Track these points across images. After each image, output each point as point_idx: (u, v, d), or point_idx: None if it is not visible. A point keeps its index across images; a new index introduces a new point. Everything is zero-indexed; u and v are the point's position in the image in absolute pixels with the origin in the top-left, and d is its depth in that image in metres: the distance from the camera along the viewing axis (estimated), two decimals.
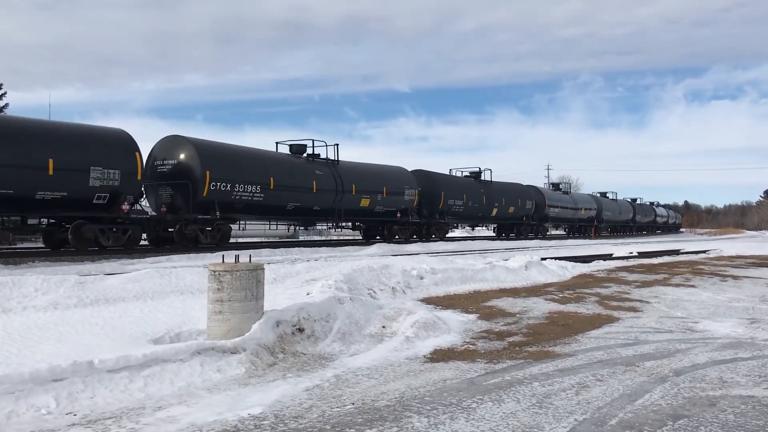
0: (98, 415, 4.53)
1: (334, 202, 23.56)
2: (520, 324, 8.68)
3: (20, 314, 7.54)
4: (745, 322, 9.09)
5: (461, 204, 31.61)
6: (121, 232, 16.56)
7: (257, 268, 6.78)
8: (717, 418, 4.58)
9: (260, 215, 21.88)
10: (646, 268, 18.43)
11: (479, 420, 4.48)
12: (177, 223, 18.39)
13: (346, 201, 24.07)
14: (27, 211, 15.60)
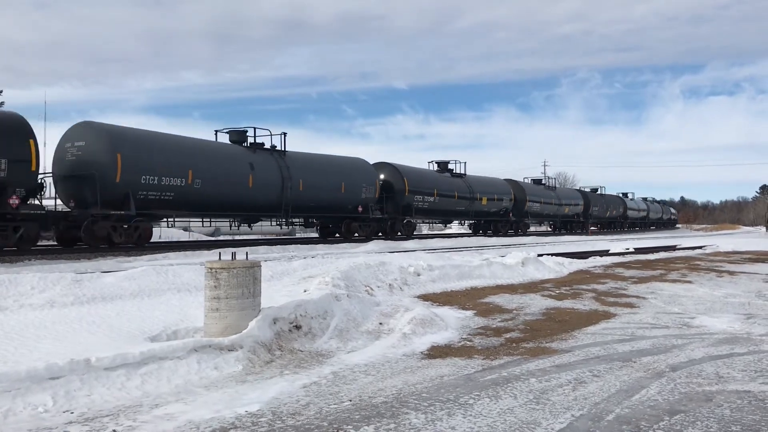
0: (95, 413, 4.53)
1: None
2: (517, 320, 8.70)
3: (17, 312, 7.52)
4: (741, 317, 9.12)
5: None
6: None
7: (254, 266, 6.77)
8: (713, 413, 4.59)
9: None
10: (643, 264, 18.47)
11: (476, 416, 4.49)
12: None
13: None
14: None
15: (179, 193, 18.16)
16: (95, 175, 16.03)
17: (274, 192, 21.22)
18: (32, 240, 15.16)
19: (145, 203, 17.30)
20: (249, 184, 20.17)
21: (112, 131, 17.48)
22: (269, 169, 21.11)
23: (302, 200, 22.26)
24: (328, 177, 23.71)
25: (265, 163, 21.14)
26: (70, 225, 16.41)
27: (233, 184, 19.70)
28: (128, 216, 16.53)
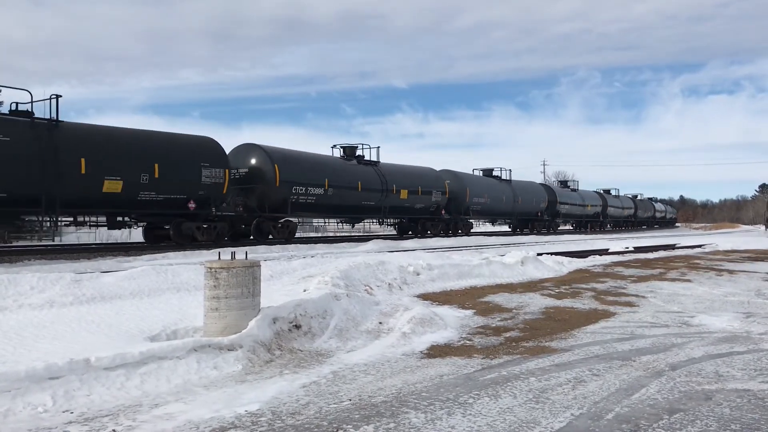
0: (95, 412, 4.52)
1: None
2: (517, 319, 8.70)
3: (16, 312, 7.52)
4: (740, 316, 9.12)
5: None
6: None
7: (253, 265, 6.77)
8: (713, 411, 4.60)
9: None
10: (642, 262, 18.47)
11: (476, 415, 4.49)
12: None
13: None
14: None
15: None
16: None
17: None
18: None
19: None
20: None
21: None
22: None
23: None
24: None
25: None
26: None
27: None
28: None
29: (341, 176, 24.27)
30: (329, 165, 24.46)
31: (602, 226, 52.08)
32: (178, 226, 18.65)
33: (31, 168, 14.85)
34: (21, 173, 14.71)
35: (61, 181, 15.36)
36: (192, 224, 18.86)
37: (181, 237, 18.73)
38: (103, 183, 16.29)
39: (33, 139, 15.12)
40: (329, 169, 23.94)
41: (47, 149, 15.23)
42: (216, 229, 19.56)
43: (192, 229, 18.83)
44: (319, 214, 25.88)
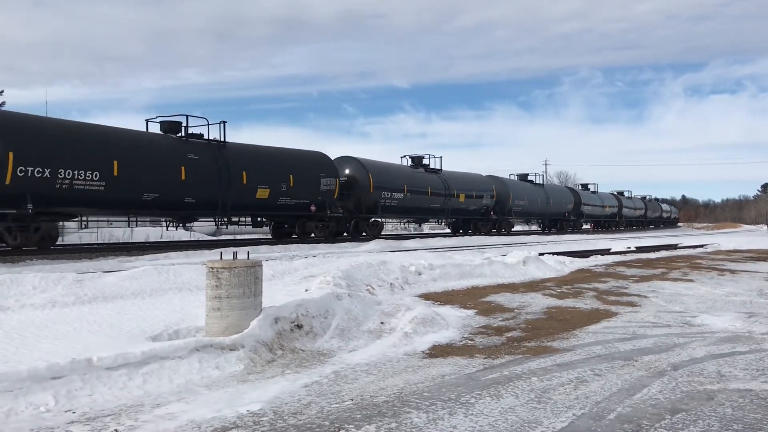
0: (97, 412, 4.53)
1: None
2: (519, 319, 8.69)
3: (18, 312, 7.53)
4: (742, 316, 9.11)
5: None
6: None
7: (255, 265, 6.78)
8: (715, 411, 4.59)
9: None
10: (644, 262, 18.46)
11: (478, 415, 4.49)
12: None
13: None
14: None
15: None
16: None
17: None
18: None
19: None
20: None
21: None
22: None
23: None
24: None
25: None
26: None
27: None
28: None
29: (415, 183, 28.48)
30: (407, 173, 28.80)
31: (617, 225, 55.10)
32: (303, 224, 22.63)
33: (211, 180, 18.77)
34: (205, 184, 18.58)
35: (229, 190, 19.24)
36: (312, 223, 22.91)
37: (303, 234, 22.74)
38: (257, 191, 20.28)
39: (212, 157, 19.03)
40: (407, 177, 28.30)
41: (220, 165, 19.10)
42: (328, 228, 23.67)
43: (312, 228, 22.95)
44: (399, 215, 30.37)
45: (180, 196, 18.03)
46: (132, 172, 16.46)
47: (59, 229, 17.55)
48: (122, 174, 16.17)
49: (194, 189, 18.29)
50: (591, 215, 49.35)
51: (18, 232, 14.78)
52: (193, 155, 18.40)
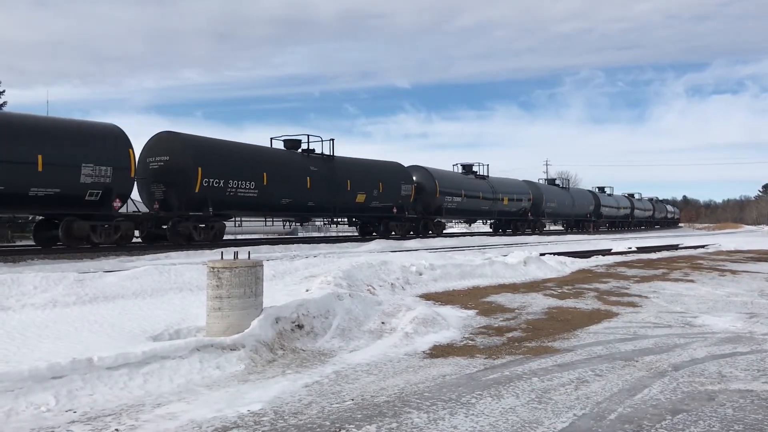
0: (98, 412, 4.53)
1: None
2: (519, 320, 8.69)
3: (19, 312, 7.53)
4: (743, 316, 9.11)
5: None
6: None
7: (256, 265, 6.78)
8: (716, 412, 4.59)
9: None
10: (645, 263, 18.45)
11: (478, 415, 4.49)
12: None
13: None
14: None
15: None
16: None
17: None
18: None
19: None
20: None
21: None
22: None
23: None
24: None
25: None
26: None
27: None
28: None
29: (470, 188, 32.58)
30: (463, 180, 32.90)
31: (630, 225, 58.00)
32: (387, 224, 26.78)
33: (325, 187, 22.88)
34: (321, 191, 22.80)
35: (337, 195, 23.57)
36: (394, 223, 27.09)
37: (386, 232, 26.61)
38: (356, 196, 24.60)
39: (325, 168, 23.17)
40: (463, 183, 32.39)
41: (331, 175, 23.33)
42: (405, 227, 27.89)
43: (393, 227, 27.09)
44: (457, 216, 34.22)
45: (305, 200, 22.48)
46: (275, 182, 20.84)
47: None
48: (269, 184, 20.53)
49: (315, 195, 22.66)
50: (608, 216, 52.94)
51: (201, 230, 18.73)
52: (313, 167, 22.83)
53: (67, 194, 15.10)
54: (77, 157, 15.21)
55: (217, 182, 18.65)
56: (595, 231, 47.60)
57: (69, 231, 15.49)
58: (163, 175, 18.30)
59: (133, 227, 17.37)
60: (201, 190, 18.14)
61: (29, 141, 14.43)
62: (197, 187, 18.04)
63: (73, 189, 15.17)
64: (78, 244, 15.70)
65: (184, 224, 18.20)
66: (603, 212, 50.88)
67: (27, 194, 14.39)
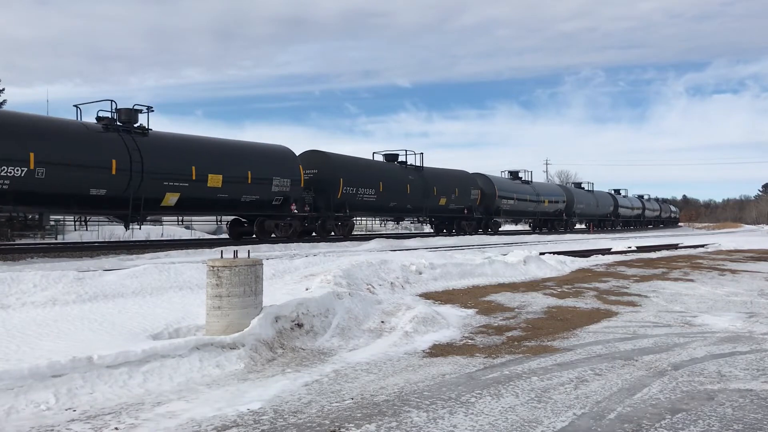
0: (98, 410, 4.54)
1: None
2: (519, 319, 8.70)
3: (19, 310, 7.54)
4: (743, 316, 9.11)
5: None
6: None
7: (256, 264, 6.78)
8: (715, 411, 4.59)
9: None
10: (645, 262, 18.45)
11: (478, 414, 4.49)
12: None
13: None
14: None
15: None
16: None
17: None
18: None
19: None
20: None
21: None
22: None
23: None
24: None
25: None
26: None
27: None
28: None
29: (519, 192, 37.56)
30: (514, 185, 38.23)
31: (641, 224, 61.61)
32: (459, 223, 31.96)
33: (418, 193, 28.12)
34: (416, 196, 27.96)
35: (426, 200, 28.73)
36: (465, 222, 32.13)
37: (459, 230, 31.87)
38: (440, 200, 29.69)
39: (417, 177, 28.42)
40: (515, 188, 37.61)
41: (422, 183, 28.46)
42: (473, 225, 32.94)
43: (464, 225, 32.03)
44: (509, 216, 39.37)
45: (405, 203, 27.68)
46: (388, 189, 26.17)
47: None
48: (383, 191, 25.85)
49: (411, 199, 27.80)
50: (624, 216, 56.70)
51: (339, 226, 24.32)
52: (411, 176, 28.05)
53: (262, 200, 20.48)
54: (270, 173, 20.61)
55: (352, 190, 24.11)
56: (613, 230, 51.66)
57: (261, 227, 20.88)
58: (313, 184, 23.27)
59: (300, 225, 22.26)
60: (342, 196, 23.75)
61: (245, 162, 19.87)
62: (339, 194, 23.62)
63: (267, 196, 20.55)
64: (266, 237, 20.97)
65: (330, 222, 23.79)
66: (620, 212, 54.98)
67: (240, 200, 19.77)
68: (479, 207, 33.40)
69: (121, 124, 17.14)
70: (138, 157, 16.58)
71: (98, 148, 16.00)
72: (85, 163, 15.48)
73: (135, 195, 16.62)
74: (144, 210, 17.21)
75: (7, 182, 13.97)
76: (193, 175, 17.89)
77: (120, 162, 16.19)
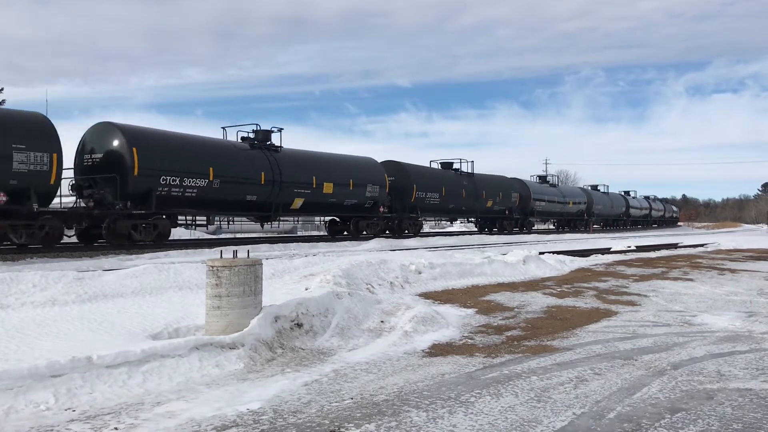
0: (97, 410, 4.54)
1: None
2: (519, 318, 8.70)
3: (18, 310, 7.53)
4: (742, 315, 9.11)
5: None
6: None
7: (255, 264, 6.78)
8: (714, 411, 4.59)
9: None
10: (644, 261, 18.46)
11: (478, 414, 4.49)
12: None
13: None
14: None
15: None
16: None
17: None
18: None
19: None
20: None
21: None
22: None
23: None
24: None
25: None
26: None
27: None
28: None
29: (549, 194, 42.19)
30: (544, 188, 42.47)
31: (648, 224, 65.52)
32: (501, 222, 36.26)
33: (470, 197, 32.26)
34: (469, 199, 32.24)
35: (476, 202, 32.97)
36: (506, 222, 36.43)
37: (501, 229, 36.01)
38: (487, 202, 34.03)
39: (469, 183, 32.46)
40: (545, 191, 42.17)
41: (473, 188, 32.70)
42: (512, 224, 36.95)
43: (505, 224, 36.25)
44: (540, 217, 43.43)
45: (461, 206, 31.97)
46: (449, 194, 30.13)
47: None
48: (446, 195, 29.90)
49: (465, 202, 32.00)
50: (634, 216, 60.66)
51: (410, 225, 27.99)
52: (464, 182, 32.28)
53: (359, 204, 24.58)
54: (365, 180, 24.70)
55: (422, 194, 28.20)
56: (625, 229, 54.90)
57: (356, 226, 24.89)
58: (391, 190, 26.68)
59: (385, 225, 26.08)
60: (415, 200, 27.73)
61: (348, 172, 24.01)
62: (413, 198, 27.60)
63: (362, 200, 24.72)
64: (358, 235, 24.76)
65: (406, 222, 27.74)
66: (631, 213, 59.14)
67: (343, 203, 23.94)
68: (517, 208, 37.70)
69: (258, 142, 21.26)
70: (277, 169, 20.88)
71: (252, 163, 20.22)
72: (244, 176, 19.82)
73: (275, 200, 20.99)
74: (280, 212, 21.74)
75: (195, 191, 18.24)
76: (313, 184, 22.25)
77: (266, 174, 20.47)
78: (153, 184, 17.04)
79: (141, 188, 16.84)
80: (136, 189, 16.73)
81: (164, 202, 17.48)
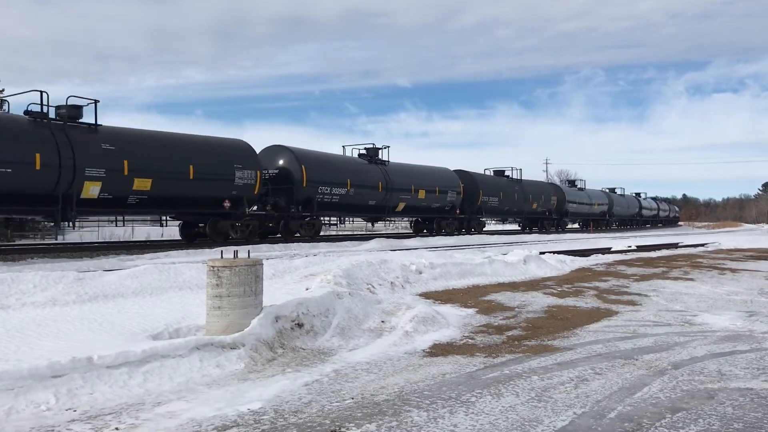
0: (98, 410, 4.54)
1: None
2: (519, 318, 8.69)
3: (19, 311, 7.53)
4: (743, 315, 9.11)
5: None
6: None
7: (256, 264, 6.78)
8: (715, 410, 4.59)
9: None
10: (645, 261, 18.45)
11: (478, 414, 4.49)
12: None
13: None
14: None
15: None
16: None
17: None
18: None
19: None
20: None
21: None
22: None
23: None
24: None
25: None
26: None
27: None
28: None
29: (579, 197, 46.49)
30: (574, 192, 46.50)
31: (655, 224, 68.64)
32: (542, 222, 40.95)
33: (519, 200, 36.62)
34: (520, 202, 36.69)
35: (525, 205, 37.34)
36: (546, 222, 40.98)
37: (541, 228, 40.40)
38: (533, 205, 38.56)
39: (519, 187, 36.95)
40: (575, 194, 46.14)
41: (522, 192, 37.17)
42: (551, 224, 41.87)
43: (546, 224, 40.85)
44: (572, 217, 47.18)
45: (513, 208, 36.37)
46: (504, 197, 34.94)
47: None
48: (503, 198, 34.73)
49: (517, 204, 36.38)
50: (644, 216, 63.28)
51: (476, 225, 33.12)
52: (515, 187, 36.78)
53: (439, 206, 29.71)
54: (447, 187, 29.93)
55: (486, 198, 33.25)
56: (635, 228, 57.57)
57: (439, 225, 30.08)
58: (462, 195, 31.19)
59: (459, 225, 31.34)
60: (480, 203, 32.89)
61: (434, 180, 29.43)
62: (479, 201, 32.75)
63: (443, 204, 29.88)
64: (440, 232, 29.81)
65: (473, 222, 32.73)
66: (643, 213, 62.53)
67: (431, 206, 29.20)
68: (555, 210, 42.21)
69: (372, 157, 26.64)
70: (388, 179, 26.37)
71: (371, 174, 25.74)
72: (368, 185, 25.33)
73: (386, 204, 26.49)
74: (388, 214, 27.41)
75: (337, 197, 23.67)
76: (412, 191, 27.73)
77: (382, 183, 25.99)
78: (313, 193, 22.54)
79: (306, 196, 22.36)
80: (302, 196, 22.25)
81: (319, 206, 22.99)
